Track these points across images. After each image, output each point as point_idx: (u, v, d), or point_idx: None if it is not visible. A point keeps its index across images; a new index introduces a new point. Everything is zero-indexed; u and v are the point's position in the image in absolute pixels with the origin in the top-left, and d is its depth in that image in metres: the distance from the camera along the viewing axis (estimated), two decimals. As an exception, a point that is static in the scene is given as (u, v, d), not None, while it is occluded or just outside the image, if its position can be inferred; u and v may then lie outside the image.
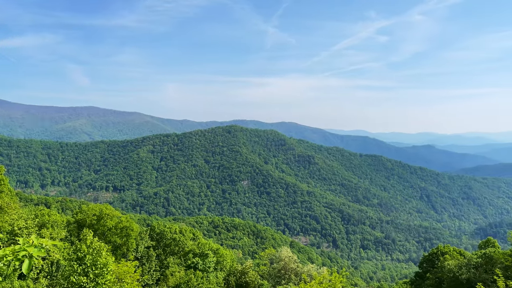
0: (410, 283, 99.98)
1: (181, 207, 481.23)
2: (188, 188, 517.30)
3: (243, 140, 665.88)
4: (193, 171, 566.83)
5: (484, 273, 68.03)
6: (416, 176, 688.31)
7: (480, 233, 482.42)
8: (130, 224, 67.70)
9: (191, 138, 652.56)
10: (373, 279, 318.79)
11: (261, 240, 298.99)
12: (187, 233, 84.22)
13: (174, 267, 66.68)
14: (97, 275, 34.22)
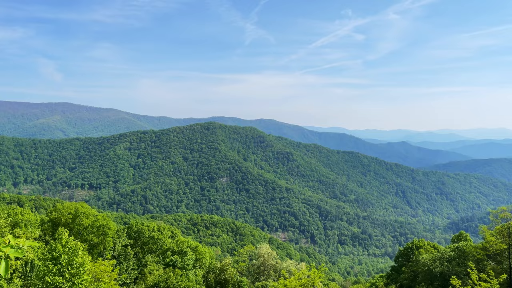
0: (386, 277, 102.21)
1: (159, 205, 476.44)
2: (166, 186, 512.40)
3: (222, 137, 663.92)
4: (171, 168, 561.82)
5: (457, 266, 70.13)
6: (392, 172, 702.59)
7: (453, 228, 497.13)
8: (107, 222, 66.58)
9: (169, 135, 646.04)
10: (350, 273, 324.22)
11: (240, 237, 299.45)
12: (166, 231, 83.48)
13: (153, 265, 66.01)
14: (73, 275, 33.52)
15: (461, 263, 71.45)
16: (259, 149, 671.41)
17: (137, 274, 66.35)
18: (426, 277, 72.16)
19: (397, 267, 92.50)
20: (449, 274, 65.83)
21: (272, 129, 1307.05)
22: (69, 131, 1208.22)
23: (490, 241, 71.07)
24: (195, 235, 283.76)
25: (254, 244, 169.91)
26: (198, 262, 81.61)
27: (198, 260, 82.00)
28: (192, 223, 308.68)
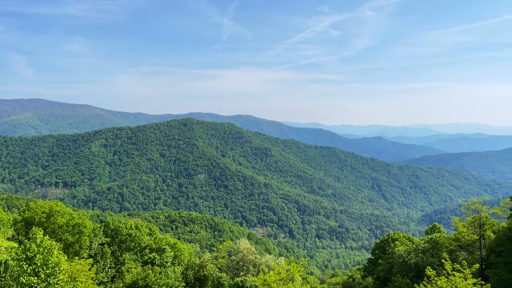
0: (363, 269, 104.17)
1: (136, 202, 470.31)
2: (143, 183, 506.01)
3: (199, 133, 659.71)
4: (148, 165, 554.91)
5: (431, 257, 72.13)
6: (368, 166, 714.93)
7: (426, 220, 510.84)
8: (82, 221, 65.30)
9: (145, 132, 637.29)
10: (328, 267, 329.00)
11: (219, 233, 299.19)
12: (143, 228, 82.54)
13: (131, 263, 65.21)
14: (48, 275, 32.79)
15: (435, 254, 73.54)
16: (238, 145, 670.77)
17: (114, 273, 65.43)
18: (402, 269, 73.93)
19: (373, 260, 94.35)
20: (424, 265, 67.68)
21: (250, 125, 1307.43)
22: (41, 128, 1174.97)
23: (462, 232, 73.41)
24: (174, 232, 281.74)
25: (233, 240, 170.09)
26: (177, 259, 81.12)
27: (176, 257, 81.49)
28: (170, 220, 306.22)
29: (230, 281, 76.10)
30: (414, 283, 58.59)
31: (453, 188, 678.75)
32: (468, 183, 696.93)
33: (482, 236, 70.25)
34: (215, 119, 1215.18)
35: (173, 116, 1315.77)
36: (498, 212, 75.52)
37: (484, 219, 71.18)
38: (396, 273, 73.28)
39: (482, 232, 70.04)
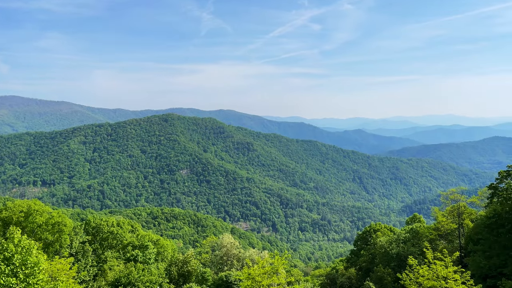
0: (346, 260, 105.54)
1: (118, 200, 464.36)
2: (124, 180, 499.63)
3: (180, 128, 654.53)
4: (129, 161, 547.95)
5: (411, 247, 73.53)
6: (349, 159, 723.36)
7: (407, 210, 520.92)
8: (62, 219, 63.96)
9: (125, 128, 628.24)
10: (311, 259, 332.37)
11: (202, 229, 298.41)
12: (125, 226, 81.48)
13: (113, 261, 64.32)
14: (27, 275, 31.94)
15: (416, 244, 75.01)
16: (219, 140, 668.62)
17: (96, 271, 64.45)
18: (384, 259, 75.17)
19: (356, 251, 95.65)
20: (405, 255, 68.94)
21: (231, 119, 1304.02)
22: (17, 125, 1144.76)
23: (441, 221, 75.05)
24: (156, 228, 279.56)
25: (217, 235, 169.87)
26: (160, 256, 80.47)
27: (160, 253, 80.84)
28: (152, 217, 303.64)
29: (214, 276, 75.98)
30: (396, 273, 59.62)
31: (432, 178, 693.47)
32: (446, 174, 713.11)
33: (461, 225, 71.95)
34: (196, 114, 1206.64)
35: (154, 112, 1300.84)
36: (476, 201, 77.45)
37: (462, 208, 72.88)
38: (378, 264, 74.46)
39: (461, 221, 71.73)
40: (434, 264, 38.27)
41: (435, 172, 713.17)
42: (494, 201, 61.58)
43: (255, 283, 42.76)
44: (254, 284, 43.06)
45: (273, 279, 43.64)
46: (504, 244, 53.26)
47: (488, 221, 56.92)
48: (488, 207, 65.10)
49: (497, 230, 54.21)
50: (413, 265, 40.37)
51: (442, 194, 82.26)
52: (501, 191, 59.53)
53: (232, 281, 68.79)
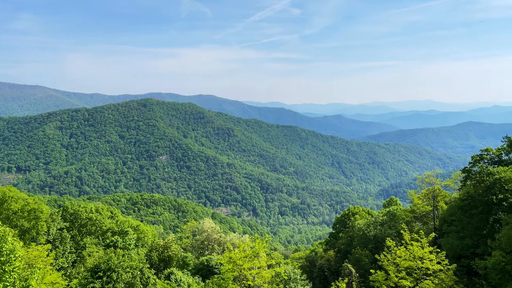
0: (325, 243, 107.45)
1: (96, 186, 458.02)
2: (102, 166, 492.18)
3: (160, 113, 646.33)
4: (107, 147, 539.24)
5: (388, 229, 75.35)
6: (328, 144, 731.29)
7: (384, 194, 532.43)
8: (38, 206, 62.68)
9: (103, 113, 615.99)
10: (291, 242, 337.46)
11: (183, 214, 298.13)
12: (104, 212, 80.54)
13: (92, 247, 63.66)
14: (3, 262, 31.31)
15: (392, 226, 76.88)
16: (199, 125, 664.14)
17: (75, 258, 63.73)
18: (362, 241, 76.85)
19: (334, 233, 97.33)
20: (382, 237, 70.65)
21: (211, 104, 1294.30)
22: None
23: (417, 204, 77.00)
24: (136, 214, 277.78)
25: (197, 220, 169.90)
26: (140, 241, 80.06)
27: (140, 239, 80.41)
28: (132, 203, 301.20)
29: (196, 261, 76.29)
30: (373, 254, 61.11)
31: (408, 163, 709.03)
32: (422, 158, 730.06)
33: (436, 207, 74.03)
34: (175, 99, 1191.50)
35: (132, 97, 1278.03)
36: (450, 184, 79.65)
37: (437, 191, 74.87)
38: (356, 246, 76.12)
39: (436, 203, 73.76)
40: (411, 245, 39.37)
41: (411, 157, 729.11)
42: (467, 184, 63.42)
43: (236, 267, 43.16)
44: (235, 268, 43.46)
45: (254, 262, 44.11)
46: (477, 225, 55.10)
47: (461, 203, 58.66)
48: (462, 189, 67.06)
49: (470, 211, 55.96)
50: (391, 246, 41.41)
51: (418, 178, 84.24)
52: (474, 174, 61.31)
53: (213, 265, 69.25)
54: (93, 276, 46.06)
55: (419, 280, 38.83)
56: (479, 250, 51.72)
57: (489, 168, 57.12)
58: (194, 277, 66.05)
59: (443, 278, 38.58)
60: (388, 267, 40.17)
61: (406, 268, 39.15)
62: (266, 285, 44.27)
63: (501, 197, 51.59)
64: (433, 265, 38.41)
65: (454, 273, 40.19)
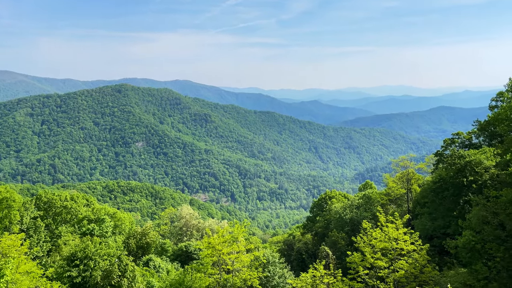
0: (302, 227, 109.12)
1: (71, 174, 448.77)
2: (77, 153, 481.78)
3: (135, 99, 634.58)
4: (81, 134, 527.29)
5: (364, 211, 77.10)
6: (305, 129, 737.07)
7: (359, 178, 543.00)
8: (11, 194, 60.98)
9: (76, 99, 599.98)
10: (269, 227, 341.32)
11: (160, 201, 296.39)
12: (80, 200, 79.10)
13: (68, 236, 62.63)
14: (-25, 253, 30.48)
15: (368, 209, 78.70)
16: (176, 111, 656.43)
17: (50, 246, 62.63)
18: (338, 224, 78.43)
19: (312, 217, 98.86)
20: (358, 220, 72.28)
21: (188, 90, 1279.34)
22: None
23: (392, 187, 78.98)
24: (113, 202, 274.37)
25: (175, 206, 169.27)
26: (117, 229, 79.27)
27: (117, 226, 79.59)
28: (108, 190, 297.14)
29: (174, 247, 76.28)
30: (350, 237, 62.51)
31: (383, 147, 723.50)
32: (396, 142, 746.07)
33: (409, 190, 76.10)
34: (151, 84, 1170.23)
35: (106, 82, 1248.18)
36: (423, 167, 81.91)
37: (411, 174, 76.88)
38: (333, 229, 77.64)
39: (409, 186, 75.79)
40: (386, 227, 40.45)
41: (386, 141, 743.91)
42: (440, 167, 65.36)
43: (215, 252, 43.40)
44: (214, 253, 43.69)
45: (233, 247, 44.45)
46: (448, 207, 56.99)
47: (434, 186, 60.43)
48: (434, 172, 69.08)
49: (442, 193, 57.75)
50: (367, 228, 42.44)
51: (392, 162, 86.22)
52: (445, 158, 63.15)
53: (192, 250, 69.42)
54: (70, 264, 45.45)
55: (393, 260, 40.06)
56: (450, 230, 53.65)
57: (460, 151, 58.88)
58: (173, 263, 66.13)
59: (416, 258, 39.91)
60: (364, 249, 41.21)
61: (381, 249, 40.28)
62: (245, 269, 44.77)
63: (471, 179, 53.39)
64: (407, 245, 39.63)
65: (426, 253, 41.63)
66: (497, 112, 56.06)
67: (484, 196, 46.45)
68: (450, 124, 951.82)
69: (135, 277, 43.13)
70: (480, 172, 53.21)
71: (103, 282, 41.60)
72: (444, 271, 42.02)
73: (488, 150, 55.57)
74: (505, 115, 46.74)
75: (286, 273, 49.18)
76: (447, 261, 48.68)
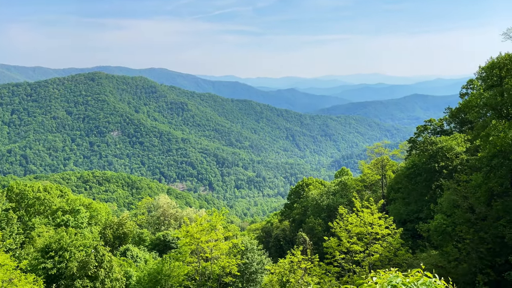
0: (280, 214, 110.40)
1: (43, 164, 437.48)
2: (49, 143, 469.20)
3: (109, 88, 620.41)
4: (54, 124, 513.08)
5: (340, 198, 78.51)
6: (282, 118, 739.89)
7: (335, 165, 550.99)
8: (-20, 186, 59.10)
9: (47, 88, 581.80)
10: (247, 215, 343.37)
11: (137, 191, 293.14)
12: (53, 191, 77.38)
13: (42, 227, 61.34)
14: None
15: (344, 195, 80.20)
16: (152, 100, 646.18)
17: (24, 238, 61.25)
18: (315, 210, 79.69)
19: (289, 204, 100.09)
20: (334, 206, 73.59)
21: (164, 78, 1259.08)
22: None
23: (367, 173, 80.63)
24: (88, 192, 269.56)
25: (152, 196, 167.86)
26: (93, 219, 78.13)
27: (93, 217, 78.43)
28: (83, 181, 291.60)
29: (152, 236, 75.86)
30: (326, 223, 63.64)
31: (358, 134, 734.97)
32: (371, 130, 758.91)
33: (384, 176, 77.88)
34: (125, 73, 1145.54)
35: (78, 70, 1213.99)
36: (397, 154, 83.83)
37: (385, 160, 78.59)
38: (310, 215, 78.86)
39: (384, 172, 77.54)
40: (361, 212, 41.39)
41: (361, 128, 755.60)
42: (413, 153, 67.10)
43: (194, 240, 43.44)
44: (192, 241, 43.72)
45: (211, 235, 44.58)
46: (421, 192, 58.68)
47: (407, 172, 62.05)
48: (408, 159, 70.87)
49: (415, 179, 59.40)
50: (343, 214, 43.32)
51: (368, 149, 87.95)
52: (418, 144, 64.86)
53: (170, 240, 69.22)
54: (44, 256, 44.67)
55: (369, 245, 41.11)
56: (422, 215, 55.36)
57: (432, 138, 60.58)
58: (151, 253, 65.85)
59: (390, 242, 41.08)
60: (341, 234, 42.10)
61: (357, 234, 41.24)
62: (223, 256, 45.02)
63: (442, 164, 55.09)
64: (382, 230, 40.69)
65: (400, 237, 42.89)
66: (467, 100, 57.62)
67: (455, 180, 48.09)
68: (423, 111, 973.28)
69: (112, 267, 42.76)
70: (451, 158, 54.93)
71: (80, 273, 41.07)
72: (417, 254, 43.44)
73: (458, 136, 57.34)
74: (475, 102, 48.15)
75: (264, 259, 49.78)
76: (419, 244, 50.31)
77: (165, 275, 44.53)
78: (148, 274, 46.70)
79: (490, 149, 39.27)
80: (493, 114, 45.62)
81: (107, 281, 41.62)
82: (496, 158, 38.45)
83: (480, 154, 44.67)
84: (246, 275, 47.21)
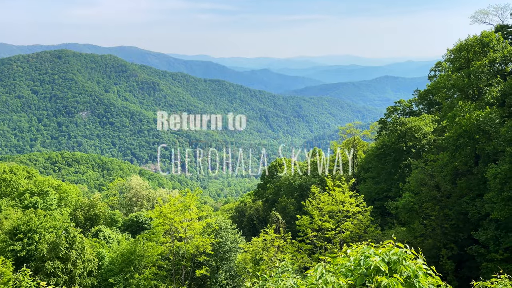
0: (253, 194, 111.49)
1: (8, 145, 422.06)
2: (14, 123, 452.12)
3: (77, 66, 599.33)
4: (19, 103, 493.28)
5: (312, 178, 79.91)
6: (256, 98, 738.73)
7: (308, 146, 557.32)
8: None
9: (11, 65, 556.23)
10: (220, 195, 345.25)
11: (108, 172, 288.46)
12: (20, 172, 75.12)
13: (9, 210, 59.64)
14: None
15: (316, 175, 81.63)
16: (122, 79, 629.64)
17: (-10, 222, 59.42)
18: (288, 190, 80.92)
19: (263, 184, 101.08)
20: (307, 185, 74.91)
21: (134, 57, 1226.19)
22: None
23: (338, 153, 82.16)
24: (57, 174, 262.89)
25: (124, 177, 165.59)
26: (63, 201, 76.53)
27: (63, 199, 76.79)
28: (51, 162, 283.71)
29: (124, 217, 75.24)
30: (299, 202, 64.83)
31: (331, 115, 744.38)
32: (343, 111, 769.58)
33: (355, 156, 79.62)
34: (94, 51, 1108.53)
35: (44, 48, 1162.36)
36: (368, 134, 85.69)
37: (357, 141, 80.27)
38: (283, 194, 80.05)
39: (355, 152, 79.25)
40: (333, 191, 42.37)
41: (333, 110, 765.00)
42: (383, 134, 68.76)
43: (167, 220, 43.41)
44: (166, 221, 43.69)
45: (185, 215, 44.65)
46: (390, 171, 60.46)
47: (377, 152, 63.65)
48: (378, 139, 72.62)
49: (384, 159, 61.06)
50: (315, 192, 44.22)
51: (340, 129, 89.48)
52: (388, 125, 66.47)
53: (143, 220, 68.88)
54: (13, 238, 43.68)
55: (340, 222, 42.28)
56: (391, 193, 57.23)
57: (401, 119, 62.13)
58: (124, 234, 65.40)
59: (361, 219, 42.39)
60: (313, 212, 43.06)
61: (329, 212, 42.30)
62: (197, 236, 45.29)
63: (410, 144, 56.76)
64: (353, 208, 41.88)
65: (370, 214, 44.29)
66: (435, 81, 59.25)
67: (423, 160, 49.77)
68: (393, 93, 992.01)
69: (84, 248, 42.28)
70: (419, 138, 56.62)
71: (50, 255, 40.43)
72: (386, 231, 45.08)
73: (427, 117, 59.04)
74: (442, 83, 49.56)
75: (238, 238, 50.43)
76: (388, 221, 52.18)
77: (139, 255, 44.48)
78: (121, 254, 46.49)
79: (456, 129, 40.72)
80: (460, 95, 47.13)
81: (79, 262, 41.19)
82: (462, 138, 39.96)
83: (446, 134, 46.26)
84: (220, 254, 47.77)
